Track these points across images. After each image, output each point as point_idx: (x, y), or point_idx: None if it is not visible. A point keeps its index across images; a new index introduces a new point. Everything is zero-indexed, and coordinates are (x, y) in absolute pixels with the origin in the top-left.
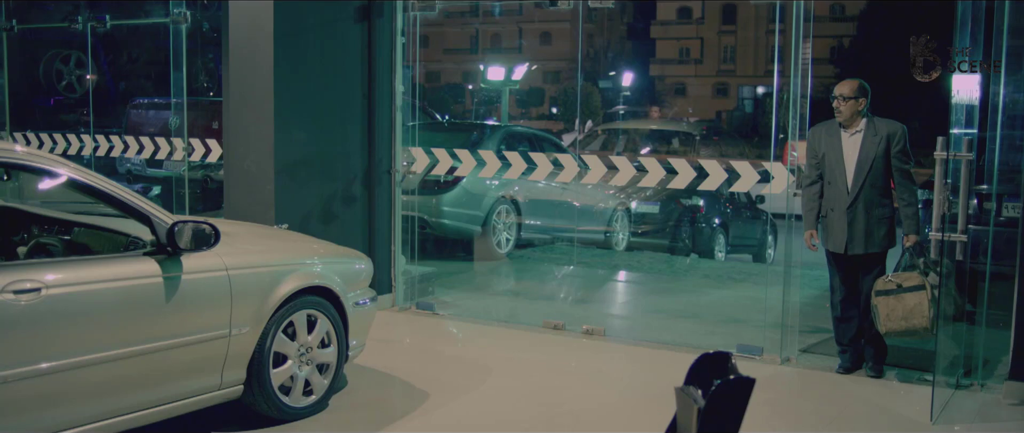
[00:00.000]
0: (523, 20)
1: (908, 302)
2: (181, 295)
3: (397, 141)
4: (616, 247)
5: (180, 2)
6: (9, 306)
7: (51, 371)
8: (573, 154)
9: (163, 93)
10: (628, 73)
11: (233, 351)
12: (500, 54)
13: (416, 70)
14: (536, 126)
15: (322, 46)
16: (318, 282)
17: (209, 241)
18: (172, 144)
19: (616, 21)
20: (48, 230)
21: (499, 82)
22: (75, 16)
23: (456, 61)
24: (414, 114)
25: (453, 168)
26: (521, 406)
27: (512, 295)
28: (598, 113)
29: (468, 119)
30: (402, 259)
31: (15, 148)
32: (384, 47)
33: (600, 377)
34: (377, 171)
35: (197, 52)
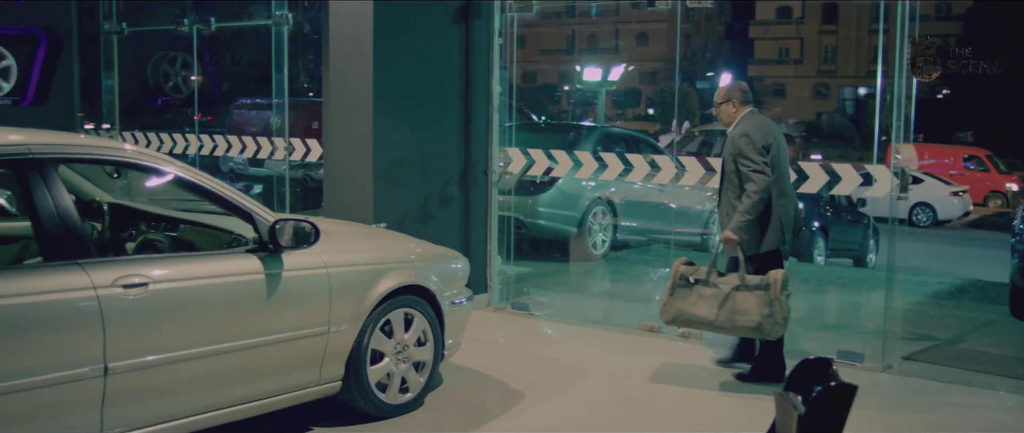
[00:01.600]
0: (620, 21)
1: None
2: (282, 292)
3: (494, 141)
4: (713, 249)
5: (282, 4)
6: (118, 300)
7: (157, 364)
8: (670, 155)
9: (265, 94)
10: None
11: (331, 348)
12: (596, 55)
13: (513, 71)
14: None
15: (420, 47)
16: (415, 281)
17: (309, 239)
18: (273, 143)
19: (714, 21)
20: (155, 227)
21: (595, 83)
22: (182, 18)
23: (552, 62)
24: (511, 115)
25: (549, 169)
26: (615, 408)
27: (607, 296)
28: (696, 114)
29: (564, 120)
30: (498, 259)
31: (125, 147)
32: (481, 48)
33: (695, 381)
34: (474, 171)
35: (298, 53)
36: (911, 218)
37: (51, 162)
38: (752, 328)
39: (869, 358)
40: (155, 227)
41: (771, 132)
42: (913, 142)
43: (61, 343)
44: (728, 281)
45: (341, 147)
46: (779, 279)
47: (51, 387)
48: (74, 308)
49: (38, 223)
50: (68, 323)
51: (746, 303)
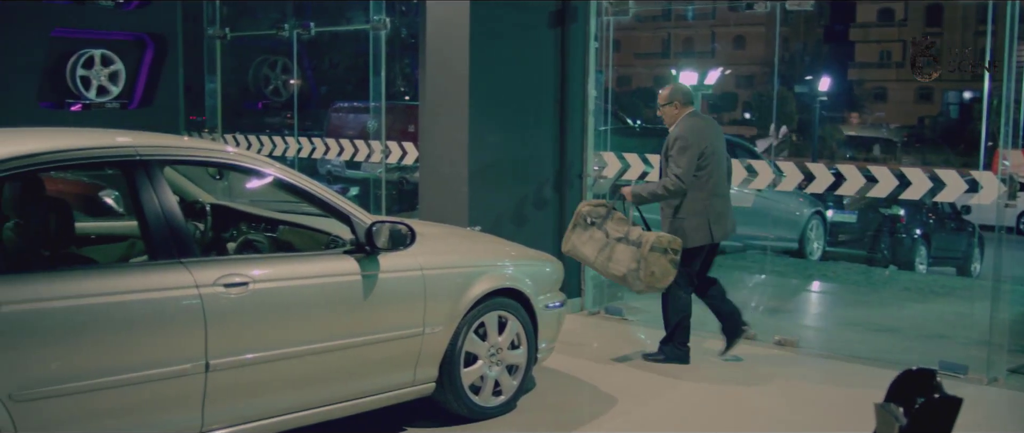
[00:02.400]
0: (716, 24)
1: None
2: (378, 293)
3: (589, 145)
4: (811, 256)
5: (380, 9)
6: (219, 298)
7: (256, 362)
8: (767, 160)
9: (362, 97)
10: (825, 77)
11: (426, 349)
12: (692, 58)
13: (608, 75)
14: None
15: (516, 51)
16: (509, 284)
17: (405, 241)
18: (370, 146)
19: (813, 24)
20: (255, 227)
21: (691, 86)
22: (282, 23)
23: (648, 65)
24: (606, 118)
25: (644, 173)
26: (709, 415)
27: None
28: (793, 119)
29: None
30: None
31: (227, 149)
32: (577, 51)
33: (792, 389)
34: (568, 175)
35: (395, 57)
36: (1018, 226)
37: (157, 163)
38: (619, 277)
39: (973, 370)
40: (255, 227)
41: (707, 135)
42: (1021, 148)
43: (165, 340)
44: (618, 230)
45: (437, 150)
46: (648, 241)
47: (155, 382)
48: (178, 306)
49: (144, 222)
50: (172, 320)
51: (621, 254)
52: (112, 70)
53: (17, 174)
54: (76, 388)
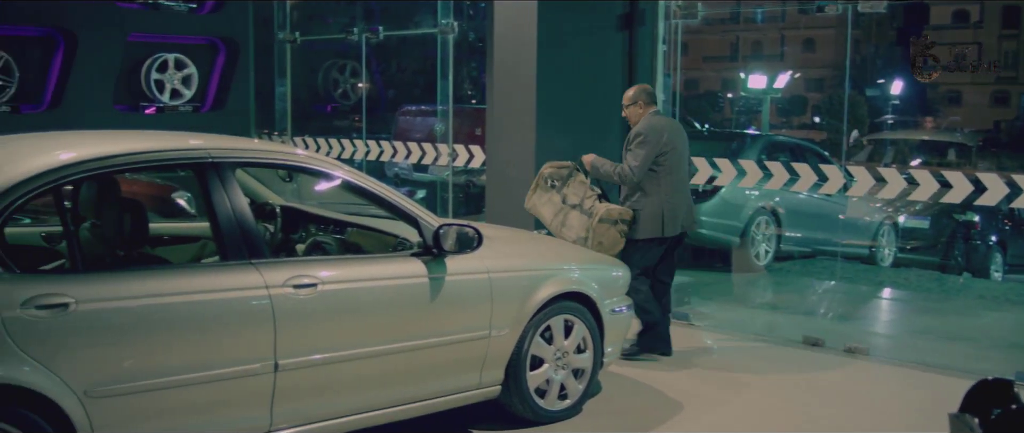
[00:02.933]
0: (786, 26)
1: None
2: (445, 295)
3: None
4: (881, 263)
5: (448, 13)
6: (288, 299)
7: (323, 362)
8: (838, 165)
9: (429, 100)
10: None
11: (492, 352)
12: (761, 61)
13: (676, 78)
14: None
15: (583, 54)
16: (576, 288)
17: (472, 244)
18: (437, 150)
19: (885, 26)
20: (324, 229)
21: (760, 90)
22: (351, 28)
23: (716, 69)
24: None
25: (712, 177)
26: (777, 423)
27: (770, 308)
28: (865, 122)
29: (727, 128)
30: None
31: (297, 151)
32: (645, 55)
33: (862, 398)
34: None
35: (463, 61)
36: None
37: (229, 166)
38: (570, 242)
39: None
40: (324, 229)
41: (668, 134)
42: None
43: (235, 339)
44: (576, 196)
45: (504, 153)
46: (598, 213)
47: (226, 381)
48: (248, 306)
49: (216, 224)
50: (242, 320)
51: (573, 221)
52: (185, 74)
53: (94, 175)
54: (149, 386)
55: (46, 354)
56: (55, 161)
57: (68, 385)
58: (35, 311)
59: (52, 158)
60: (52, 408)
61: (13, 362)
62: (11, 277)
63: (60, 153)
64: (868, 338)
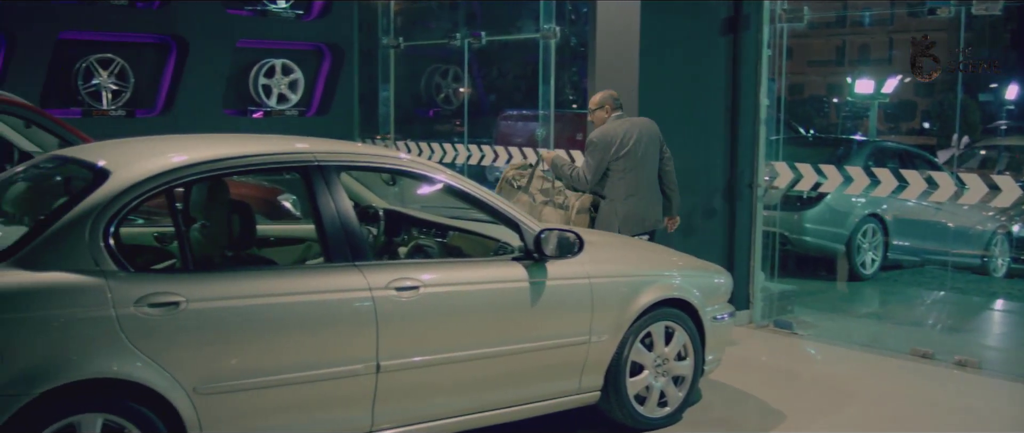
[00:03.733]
0: (895, 30)
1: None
2: (545, 300)
3: (760, 155)
4: (994, 273)
5: (550, 18)
6: (391, 301)
7: (424, 365)
8: (949, 172)
9: (531, 105)
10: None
11: (592, 358)
12: (869, 66)
13: (780, 83)
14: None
15: (687, 59)
16: (677, 294)
17: (573, 249)
18: (538, 154)
19: (999, 28)
20: (426, 232)
21: (867, 95)
22: (454, 33)
23: (821, 73)
24: (778, 128)
25: (817, 184)
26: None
27: (876, 319)
28: (977, 128)
29: (833, 133)
30: (761, 275)
31: (400, 155)
32: (749, 60)
33: (972, 413)
34: (739, 185)
35: (564, 66)
36: None
37: (334, 169)
38: None
39: None
40: (426, 233)
41: (624, 139)
42: None
43: (339, 340)
44: (542, 192)
45: None
46: (574, 205)
47: (329, 381)
48: (351, 308)
49: (321, 226)
50: (346, 321)
51: (549, 216)
52: (292, 79)
53: (204, 178)
54: (255, 384)
55: (157, 351)
56: (168, 164)
57: (178, 382)
58: (148, 309)
59: (165, 161)
60: (162, 404)
61: (126, 358)
62: (126, 276)
63: (172, 156)
64: (980, 351)
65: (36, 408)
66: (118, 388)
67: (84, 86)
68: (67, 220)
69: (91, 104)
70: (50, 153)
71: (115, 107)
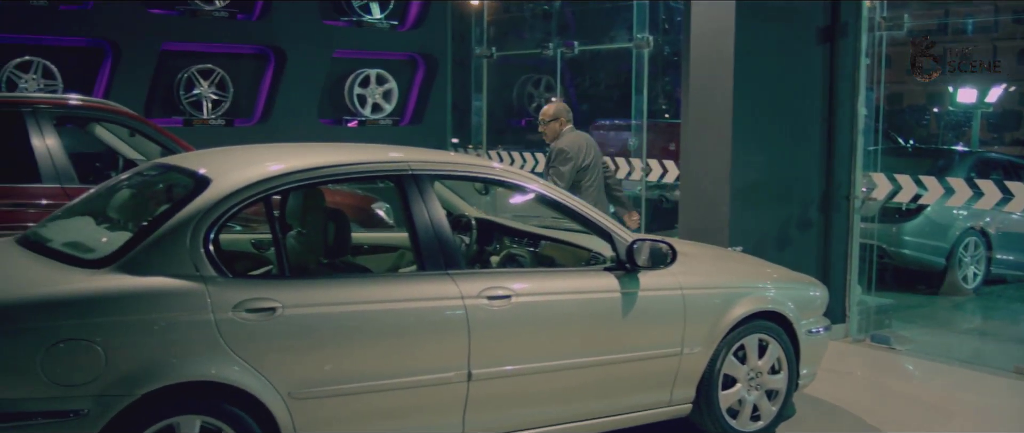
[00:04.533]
0: (999, 37)
1: None
2: (637, 311)
3: (857, 166)
4: None
5: (643, 27)
6: (483, 310)
7: (515, 374)
8: None
9: (623, 115)
10: None
11: (684, 369)
12: (971, 74)
13: (879, 92)
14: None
15: (782, 69)
16: (771, 307)
17: (665, 260)
18: (631, 164)
19: None
20: (518, 242)
21: (970, 105)
22: (547, 43)
23: (921, 82)
24: (876, 138)
25: (917, 196)
26: None
27: (978, 334)
28: None
29: (934, 144)
30: (857, 289)
31: (493, 165)
32: (847, 68)
33: None
34: (835, 196)
35: (657, 75)
36: None
37: (428, 178)
38: None
39: None
40: (518, 242)
41: (585, 149)
42: None
43: (431, 348)
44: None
45: (698, 169)
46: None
47: (421, 388)
48: (443, 316)
49: (415, 235)
50: (438, 329)
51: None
52: (386, 89)
53: (300, 186)
54: (348, 390)
55: (254, 355)
56: (266, 172)
57: (274, 386)
58: (245, 314)
59: (263, 169)
60: (258, 407)
61: (224, 362)
62: (225, 281)
63: (270, 165)
64: None
65: (137, 409)
66: (215, 391)
67: (185, 96)
68: (169, 226)
69: (192, 113)
70: (153, 161)
71: (215, 116)
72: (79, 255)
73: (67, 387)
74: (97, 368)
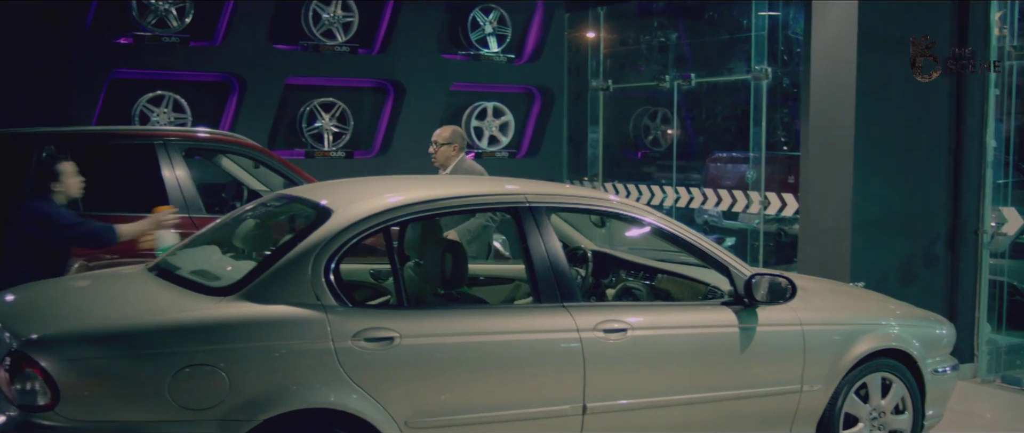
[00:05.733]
0: None
1: None
2: (755, 347)
3: (986, 199)
4: None
5: (762, 59)
6: (599, 343)
7: (630, 408)
8: None
9: (741, 147)
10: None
11: (803, 407)
12: None
13: (1008, 123)
14: None
15: (906, 100)
16: (895, 344)
17: (785, 295)
18: (748, 197)
19: None
20: (634, 275)
21: None
22: (663, 75)
23: None
24: (1006, 171)
25: None
26: None
27: None
28: None
29: None
30: (987, 327)
31: (609, 197)
32: (974, 99)
33: None
34: (962, 231)
35: (775, 107)
36: None
37: (545, 210)
38: None
39: None
40: (634, 275)
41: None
42: None
43: (546, 380)
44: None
45: (818, 202)
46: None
47: (536, 420)
48: (559, 348)
49: (531, 266)
50: (553, 362)
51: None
52: (503, 121)
53: (418, 217)
54: (464, 420)
55: (372, 384)
56: (386, 204)
57: (391, 414)
58: (364, 343)
59: (383, 201)
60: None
61: (343, 390)
62: (345, 310)
63: (390, 196)
64: None
65: None
66: (333, 418)
67: (307, 128)
68: (292, 256)
69: (313, 146)
70: (277, 192)
71: (335, 148)
72: (206, 283)
73: (193, 411)
74: (221, 393)
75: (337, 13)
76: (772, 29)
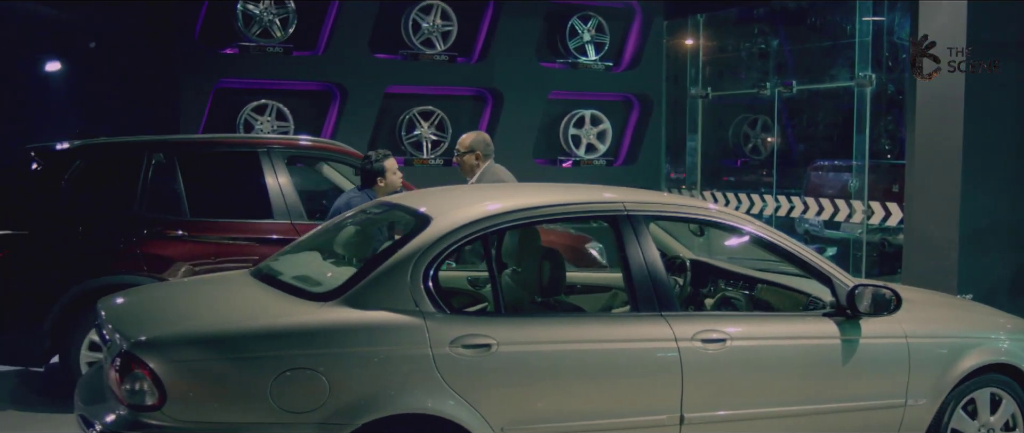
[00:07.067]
0: None
1: None
2: (858, 359)
3: None
4: None
5: (866, 66)
6: (697, 353)
7: (728, 419)
8: None
9: (843, 155)
10: None
11: (908, 421)
12: None
13: None
14: None
15: (1017, 107)
16: (1005, 359)
17: (889, 306)
18: (851, 206)
19: None
20: (733, 284)
21: None
22: (764, 82)
23: None
24: None
25: None
26: None
27: None
28: None
29: None
30: None
31: (708, 206)
32: None
33: None
34: None
35: (879, 114)
36: None
37: (643, 219)
38: None
39: None
40: (732, 285)
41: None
42: None
43: (644, 389)
44: None
45: (924, 212)
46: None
47: (633, 430)
48: (656, 358)
49: (629, 275)
50: (651, 371)
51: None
52: (600, 129)
53: (516, 225)
54: (560, 428)
55: (469, 390)
56: (484, 211)
57: (487, 421)
58: (462, 350)
59: (481, 209)
60: None
61: (440, 395)
62: (443, 317)
63: (488, 204)
64: None
65: None
66: (430, 424)
67: (407, 136)
68: (391, 263)
69: (412, 153)
70: (378, 199)
71: (434, 156)
72: (307, 288)
73: (294, 414)
74: (321, 397)
75: (436, 22)
76: (876, 34)
